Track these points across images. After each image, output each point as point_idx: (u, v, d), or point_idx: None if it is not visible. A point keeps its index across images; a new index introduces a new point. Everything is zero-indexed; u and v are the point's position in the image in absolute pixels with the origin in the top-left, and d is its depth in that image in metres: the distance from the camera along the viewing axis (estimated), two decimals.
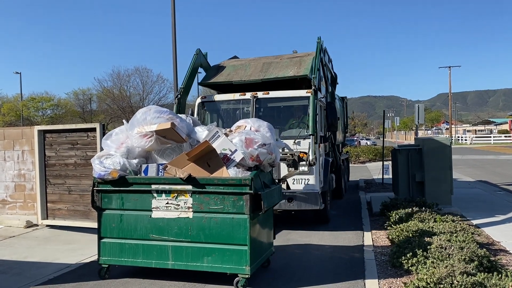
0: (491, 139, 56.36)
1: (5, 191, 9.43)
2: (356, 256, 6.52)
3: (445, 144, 9.96)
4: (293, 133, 8.36)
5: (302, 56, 9.33)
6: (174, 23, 15.57)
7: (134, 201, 5.31)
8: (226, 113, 9.05)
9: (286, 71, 8.89)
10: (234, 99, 8.84)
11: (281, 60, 9.41)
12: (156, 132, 5.28)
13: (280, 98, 8.69)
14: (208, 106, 9.14)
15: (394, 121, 46.00)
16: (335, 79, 12.36)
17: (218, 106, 9.12)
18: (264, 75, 8.99)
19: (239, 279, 4.96)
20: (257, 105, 8.60)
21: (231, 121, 8.18)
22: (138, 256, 5.30)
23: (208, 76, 9.71)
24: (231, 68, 9.71)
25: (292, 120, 8.78)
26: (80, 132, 8.63)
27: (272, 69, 9.12)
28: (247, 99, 8.68)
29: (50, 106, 52.11)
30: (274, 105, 8.82)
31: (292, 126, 8.65)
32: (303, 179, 8.05)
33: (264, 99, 8.66)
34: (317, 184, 8.09)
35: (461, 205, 10.10)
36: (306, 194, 7.96)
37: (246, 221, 4.89)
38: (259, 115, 8.47)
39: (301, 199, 7.93)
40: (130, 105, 41.62)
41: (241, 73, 9.31)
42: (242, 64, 9.77)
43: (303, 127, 8.24)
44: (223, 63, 10.08)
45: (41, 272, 5.98)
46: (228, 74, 9.45)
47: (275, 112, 8.91)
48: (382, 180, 15.08)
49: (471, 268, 4.73)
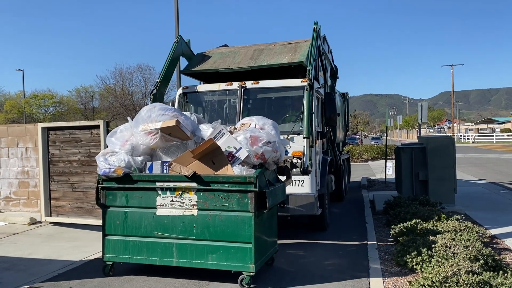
0: (493, 138, 56.27)
1: (9, 188, 9.45)
2: (360, 254, 6.51)
3: (449, 142, 9.94)
4: (286, 127, 7.23)
5: (298, 43, 8.29)
6: (177, 22, 15.56)
7: (138, 199, 5.31)
8: (211, 106, 8.02)
9: (279, 58, 7.88)
10: (220, 90, 7.78)
11: (275, 46, 8.36)
12: (161, 129, 5.28)
13: (272, 88, 7.63)
14: (191, 97, 8.07)
15: (397, 120, 45.95)
16: (335, 72, 11.43)
17: (201, 98, 8.07)
18: (254, 63, 7.96)
19: (243, 277, 4.96)
20: (246, 96, 7.56)
21: (216, 114, 7.69)
22: (142, 254, 5.30)
23: (191, 64, 8.69)
24: (218, 55, 8.63)
25: (285, 113, 7.78)
26: (83, 129, 8.63)
27: (264, 56, 8.12)
28: (234, 89, 7.59)
29: (53, 103, 52.14)
30: (265, 96, 7.83)
31: (285, 120, 7.59)
32: (297, 181, 7.05)
33: (254, 89, 7.61)
34: (313, 186, 7.14)
35: (465, 203, 10.08)
36: (300, 197, 7.02)
37: (251, 219, 4.89)
38: (248, 107, 7.60)
39: (295, 203, 6.99)
40: (132, 102, 41.58)
41: (229, 61, 8.26)
42: (230, 51, 8.70)
43: (298, 121, 7.20)
44: (209, 51, 8.97)
45: (45, 269, 5.99)
46: (214, 62, 8.41)
47: (265, 104, 7.90)
48: (385, 178, 15.06)
49: (476, 267, 4.72)
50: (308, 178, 7.00)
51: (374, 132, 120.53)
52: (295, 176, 6.80)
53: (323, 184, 7.77)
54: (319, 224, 7.90)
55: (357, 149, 28.93)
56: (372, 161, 26.91)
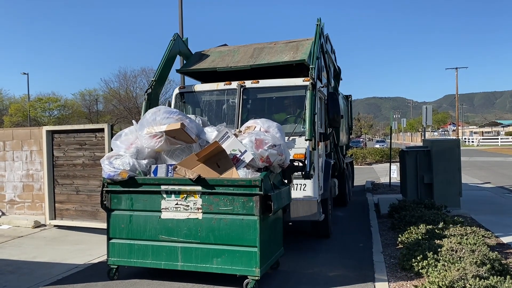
0: (498, 141, 56.03)
1: (14, 191, 9.47)
2: (365, 258, 6.47)
3: (454, 145, 9.89)
4: (287, 129, 6.90)
5: (300, 41, 8.03)
6: (181, 24, 15.59)
7: (143, 202, 5.30)
8: (209, 106, 7.73)
9: (280, 57, 7.57)
10: (218, 89, 7.51)
11: (276, 45, 8.08)
12: (166, 132, 5.28)
13: (272, 88, 7.34)
14: (188, 97, 7.80)
15: (401, 123, 45.87)
16: (338, 73, 11.09)
17: (199, 98, 7.77)
18: (254, 61, 7.65)
19: (249, 281, 4.93)
20: (245, 96, 7.29)
21: (214, 115, 7.48)
22: (147, 257, 5.28)
23: (188, 63, 8.40)
24: (216, 54, 8.32)
25: (286, 114, 7.53)
26: (88, 132, 8.64)
27: (264, 54, 7.82)
28: (233, 89, 7.33)
29: (57, 106, 52.40)
30: (265, 96, 7.54)
31: (286, 122, 7.31)
32: (299, 185, 6.79)
33: (253, 89, 7.33)
34: (316, 191, 6.85)
35: (470, 207, 10.02)
36: (302, 202, 6.72)
37: (256, 222, 4.86)
38: (247, 108, 7.32)
39: (296, 208, 6.67)
40: (136, 106, 41.69)
41: (228, 60, 7.95)
42: (230, 50, 8.39)
43: (300, 122, 6.94)
44: (208, 50, 8.67)
45: (49, 272, 5.99)
46: (212, 61, 8.10)
47: (266, 105, 7.63)
48: (390, 181, 15.01)
49: (483, 271, 4.68)
50: (311, 182, 6.72)
51: (378, 135, 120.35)
52: (296, 180, 6.54)
53: (326, 189, 7.40)
54: (323, 231, 7.63)
55: (361, 152, 28.85)
56: (376, 164, 26.84)
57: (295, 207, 6.64)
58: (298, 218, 6.75)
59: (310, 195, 6.80)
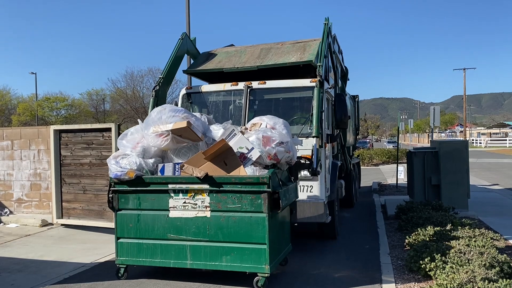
0: (506, 143, 55.57)
1: (21, 190, 9.52)
2: (372, 260, 6.43)
3: (462, 146, 9.82)
4: (294, 130, 6.84)
5: (307, 41, 8.01)
6: (188, 24, 15.62)
7: (151, 201, 5.30)
8: (215, 107, 7.72)
9: (287, 57, 7.58)
10: (225, 90, 7.52)
11: (283, 45, 8.08)
12: (172, 131, 5.26)
13: (279, 89, 7.35)
14: (194, 98, 7.81)
15: (408, 124, 45.62)
16: (345, 74, 11.06)
17: (205, 99, 7.78)
18: (261, 62, 7.66)
19: (258, 279, 4.92)
20: (252, 97, 7.30)
21: (221, 116, 7.42)
22: (156, 256, 5.28)
23: (195, 64, 8.43)
24: (223, 55, 8.32)
25: (293, 115, 7.49)
26: (95, 132, 8.67)
27: (271, 55, 7.84)
28: (240, 89, 7.33)
29: (64, 106, 52.73)
30: (272, 97, 7.52)
31: (293, 123, 7.26)
32: (305, 186, 6.75)
33: (260, 89, 7.34)
34: (323, 192, 6.79)
35: (478, 209, 9.93)
36: (309, 204, 6.65)
37: (264, 219, 4.86)
38: (254, 108, 7.30)
39: (303, 210, 6.62)
40: (143, 105, 41.84)
41: (235, 60, 7.95)
42: (237, 50, 8.41)
43: (307, 124, 6.96)
44: (215, 51, 8.69)
45: (56, 271, 6.01)
46: (219, 62, 8.11)
47: (272, 106, 7.56)
48: (397, 183, 14.94)
49: (492, 274, 4.63)
50: (317, 183, 6.72)
51: (385, 136, 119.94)
52: (303, 181, 6.60)
53: (333, 190, 7.34)
54: (329, 232, 7.57)
55: (367, 153, 28.71)
56: (383, 165, 26.68)
57: (301, 208, 6.60)
58: (305, 220, 6.71)
59: (317, 197, 6.75)
